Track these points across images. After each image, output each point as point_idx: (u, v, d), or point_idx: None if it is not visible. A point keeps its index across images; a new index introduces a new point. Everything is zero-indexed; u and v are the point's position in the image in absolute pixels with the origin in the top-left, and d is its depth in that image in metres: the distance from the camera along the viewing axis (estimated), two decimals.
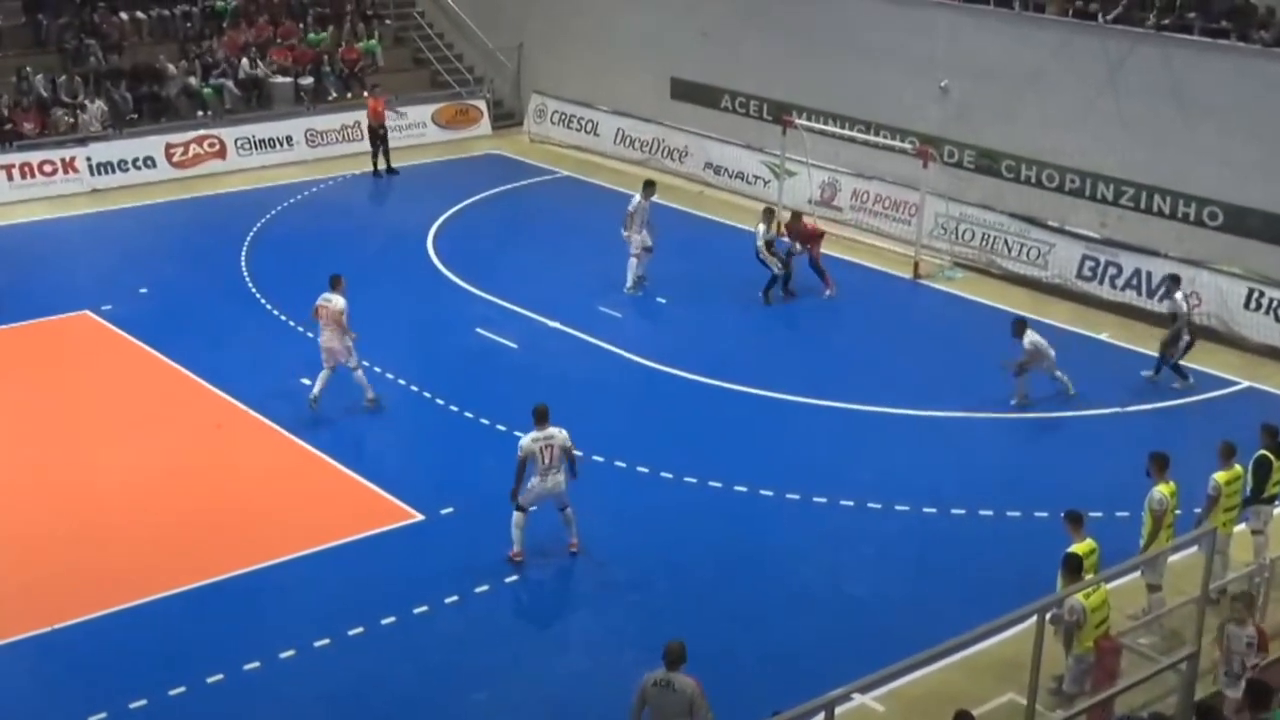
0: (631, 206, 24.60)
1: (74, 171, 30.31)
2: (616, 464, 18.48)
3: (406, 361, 21.14)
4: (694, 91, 32.36)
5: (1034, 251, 25.46)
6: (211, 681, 14.01)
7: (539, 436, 15.77)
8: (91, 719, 13.41)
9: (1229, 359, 21.40)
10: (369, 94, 32.60)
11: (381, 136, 31.73)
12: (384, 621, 15.03)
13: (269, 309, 23.75)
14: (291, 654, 14.47)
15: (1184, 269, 23.26)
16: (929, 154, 26.06)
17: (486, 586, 15.63)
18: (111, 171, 30.70)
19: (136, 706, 13.59)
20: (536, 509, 16.09)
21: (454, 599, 15.43)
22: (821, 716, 9.24)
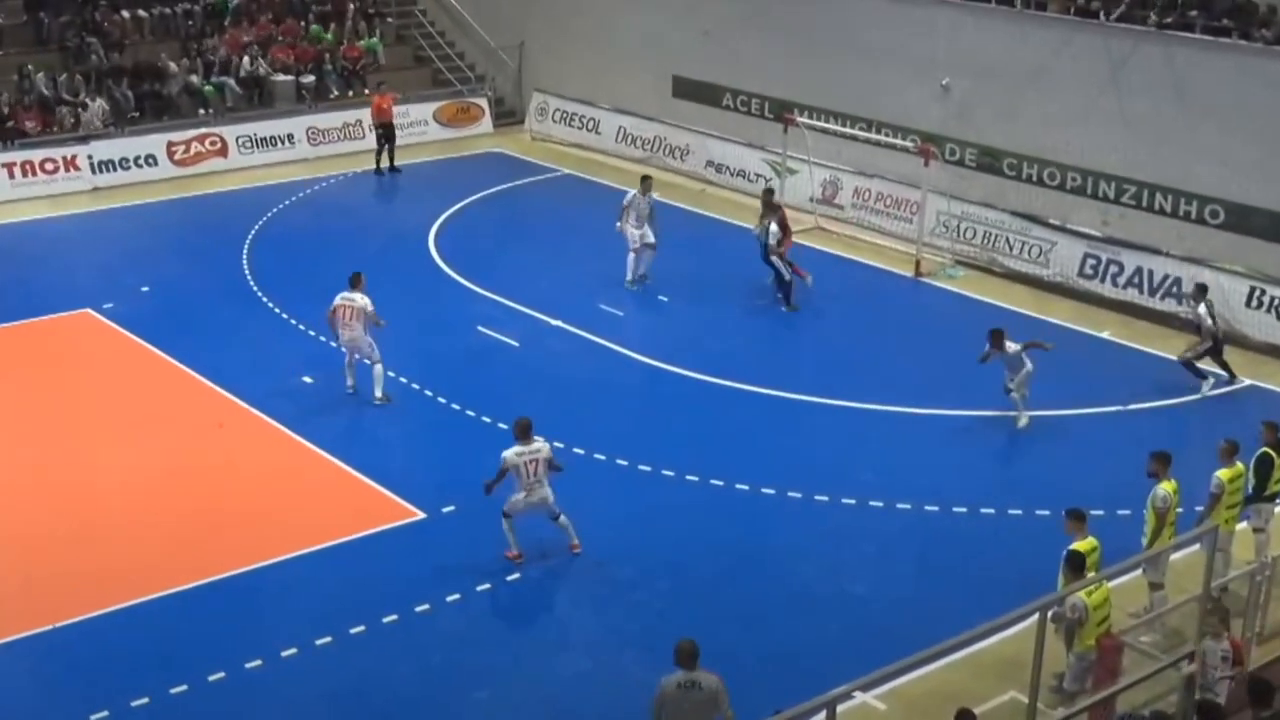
0: (626, 200, 24.92)
1: (75, 170, 30.30)
2: (618, 462, 18.48)
3: (408, 359, 21.12)
4: (696, 90, 32.36)
5: (1035, 250, 25.45)
6: (213, 680, 14.01)
7: (523, 451, 15.58)
8: (93, 717, 13.41)
9: (1230, 357, 21.34)
10: (376, 91, 32.50)
11: (389, 135, 31.72)
12: (386, 620, 15.03)
13: (270, 307, 23.75)
14: (293, 652, 14.47)
15: (1185, 267, 23.30)
16: (930, 152, 26.04)
17: (488, 585, 15.63)
18: (113, 170, 30.70)
19: (138, 705, 13.60)
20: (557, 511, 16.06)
21: (455, 597, 15.43)
22: (823, 715, 9.25)
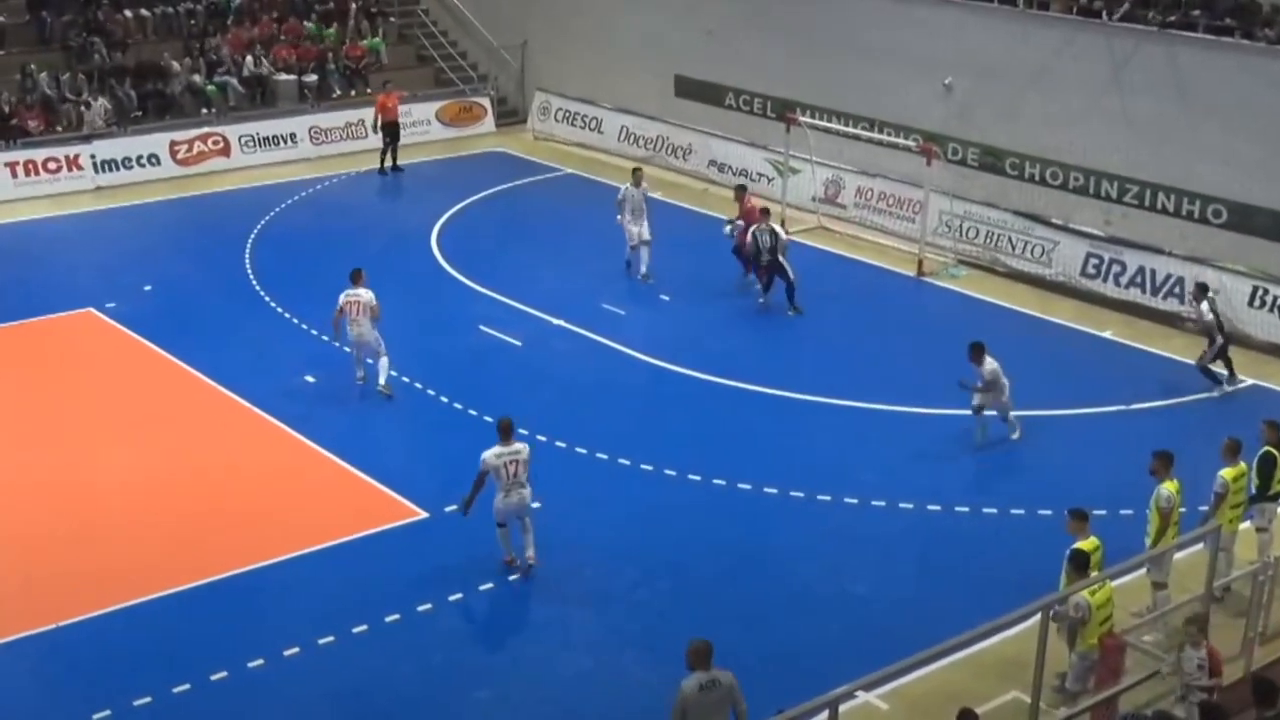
0: (620, 195, 25.19)
1: (78, 169, 30.32)
2: (620, 462, 18.47)
3: (410, 359, 21.13)
4: (698, 89, 32.35)
5: (1038, 249, 25.43)
6: (216, 679, 14.01)
7: (503, 452, 15.36)
8: (95, 717, 13.42)
9: (1233, 357, 21.34)
10: (380, 91, 32.46)
11: (393, 134, 31.69)
12: (388, 619, 15.03)
13: (273, 306, 23.76)
14: (296, 651, 14.48)
15: (1188, 267, 23.27)
16: (933, 151, 26.03)
17: (490, 584, 15.63)
18: (116, 169, 30.71)
19: (141, 704, 13.60)
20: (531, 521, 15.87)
21: (458, 596, 15.42)
22: (825, 715, 9.27)
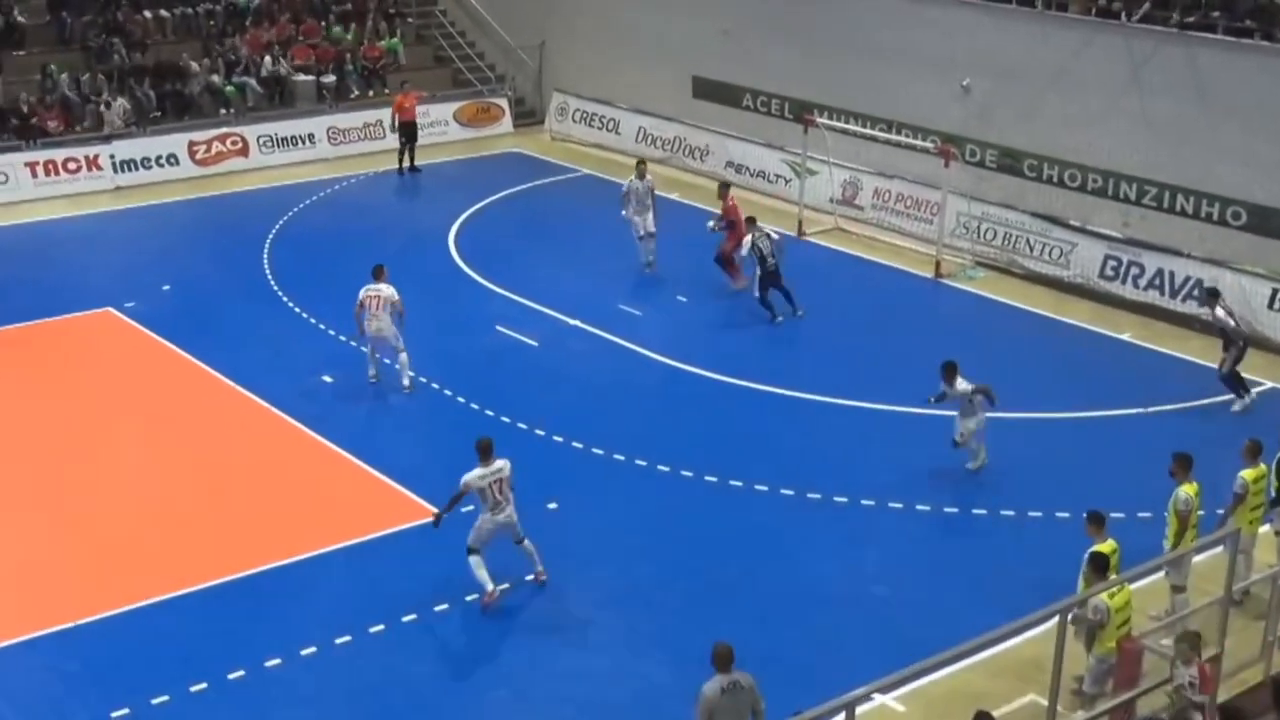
0: (624, 188, 25.41)
1: (97, 169, 30.43)
2: (637, 462, 18.47)
3: (427, 359, 21.16)
4: (715, 90, 32.34)
5: (1056, 251, 25.37)
6: (233, 678, 14.05)
7: (485, 473, 14.98)
8: (114, 714, 13.47)
9: (1253, 359, 21.24)
10: (399, 91, 32.51)
11: (410, 134, 31.73)
12: (405, 619, 15.05)
13: (291, 307, 23.81)
14: (313, 651, 14.50)
15: (1207, 269, 23.19)
16: (951, 153, 25.99)
17: (506, 584, 15.61)
18: (134, 169, 30.82)
19: (159, 703, 13.65)
20: (491, 542, 15.40)
21: (474, 596, 15.38)
22: (842, 716, 9.25)
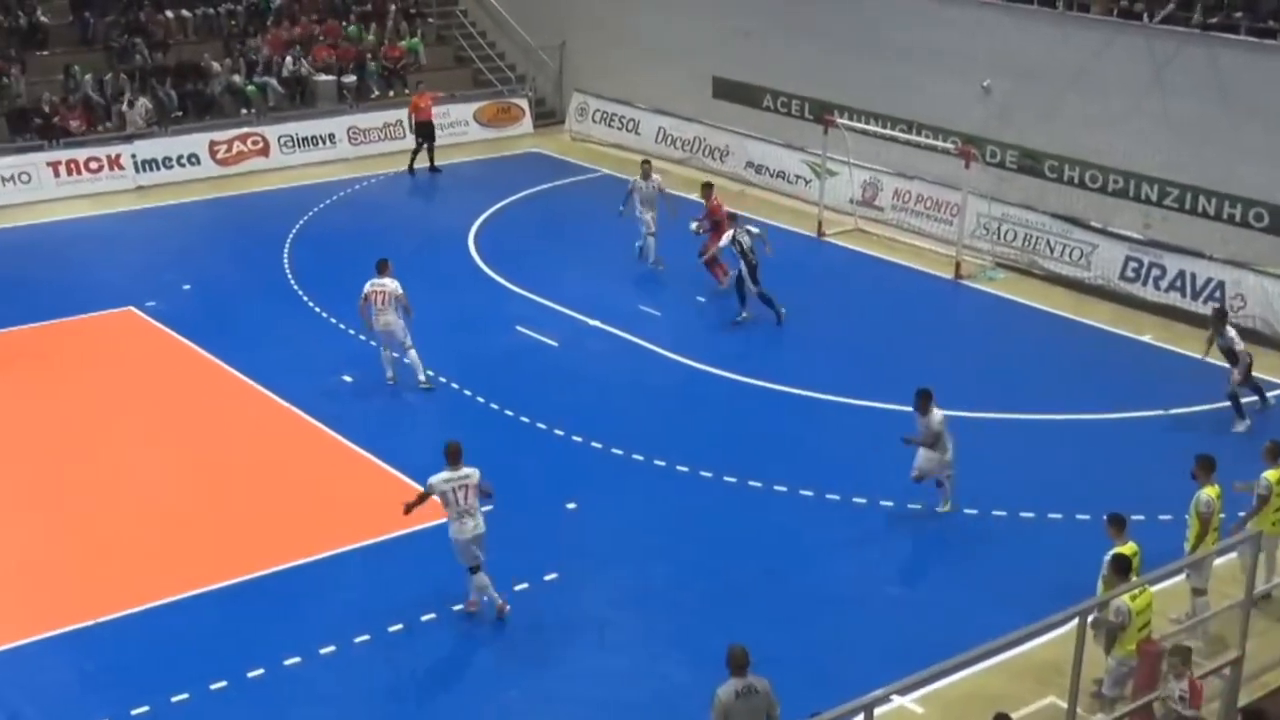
0: (629, 187, 25.67)
1: (119, 169, 30.56)
2: (656, 463, 18.48)
3: (447, 358, 21.20)
4: (735, 90, 32.33)
5: (1076, 252, 25.29)
6: (252, 676, 14.10)
7: (451, 477, 14.58)
8: (134, 712, 13.53)
9: (1274, 361, 21.17)
10: (415, 91, 32.60)
11: (427, 135, 31.80)
12: (423, 618, 15.09)
13: (311, 306, 23.87)
14: (332, 650, 14.54)
15: (1229, 271, 23.10)
16: (971, 154, 25.93)
17: (525, 584, 15.64)
18: (156, 169, 30.93)
19: (178, 700, 13.70)
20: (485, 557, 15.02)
21: (491, 597, 15.42)
22: (861, 718, 9.23)
